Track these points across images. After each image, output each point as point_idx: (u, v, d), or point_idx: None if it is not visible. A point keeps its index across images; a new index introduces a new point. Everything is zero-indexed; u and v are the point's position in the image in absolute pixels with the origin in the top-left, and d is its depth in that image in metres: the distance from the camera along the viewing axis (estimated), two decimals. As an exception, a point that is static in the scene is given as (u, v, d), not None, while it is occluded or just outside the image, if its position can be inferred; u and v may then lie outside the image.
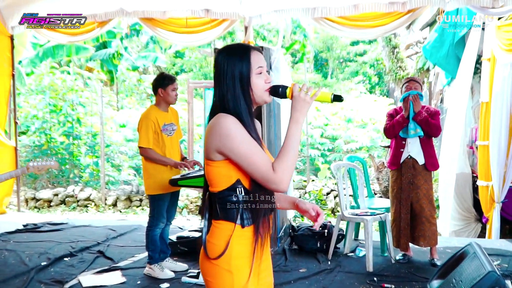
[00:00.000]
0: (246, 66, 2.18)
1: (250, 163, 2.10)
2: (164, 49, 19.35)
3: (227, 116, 2.13)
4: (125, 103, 15.66)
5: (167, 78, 5.17)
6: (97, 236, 6.77)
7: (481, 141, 7.18)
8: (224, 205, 2.18)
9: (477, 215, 8.21)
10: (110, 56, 16.63)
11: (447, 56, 8.71)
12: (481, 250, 4.28)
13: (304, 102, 2.15)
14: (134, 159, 11.64)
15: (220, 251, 2.16)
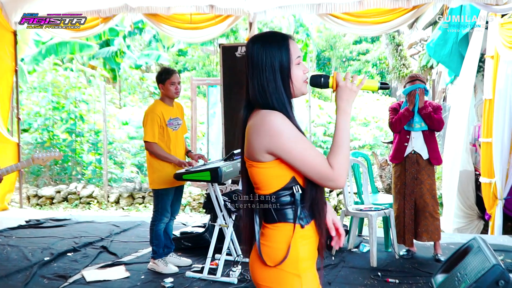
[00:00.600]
0: (286, 56, 2.03)
1: (306, 162, 1.96)
2: (167, 48, 19.35)
3: (274, 113, 1.98)
4: (128, 101, 15.68)
5: (165, 72, 5.15)
6: (101, 232, 6.77)
7: (484, 138, 7.18)
8: (279, 206, 2.03)
9: (479, 212, 8.22)
10: (112, 54, 16.65)
11: (450, 54, 8.71)
12: (485, 244, 4.29)
13: (351, 92, 2.04)
14: (137, 157, 11.65)
15: (283, 255, 2.01)
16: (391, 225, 5.63)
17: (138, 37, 19.77)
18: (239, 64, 5.91)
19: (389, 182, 10.25)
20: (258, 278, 2.08)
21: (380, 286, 4.78)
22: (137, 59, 17.71)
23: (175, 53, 19.58)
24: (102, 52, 16.76)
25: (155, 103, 5.20)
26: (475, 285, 3.77)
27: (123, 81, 16.68)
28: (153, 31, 18.91)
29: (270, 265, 2.01)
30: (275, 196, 2.04)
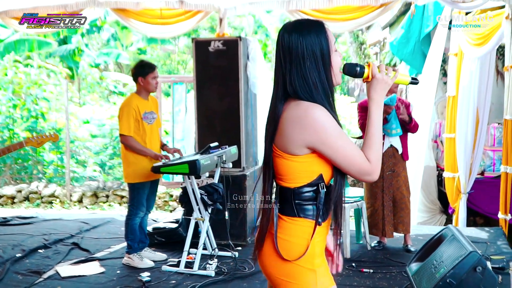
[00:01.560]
0: (326, 43, 1.97)
1: (347, 157, 1.95)
2: (125, 46, 19.14)
3: (318, 107, 1.95)
4: (88, 99, 15.45)
5: (147, 66, 5.15)
6: (70, 229, 6.67)
7: (447, 134, 7.36)
8: (301, 201, 2.02)
9: (441, 207, 8.44)
10: (70, 52, 16.36)
11: (413, 53, 8.90)
12: (459, 233, 4.41)
13: (385, 84, 2.02)
14: (100, 155, 11.49)
15: (301, 251, 2.01)
16: (363, 217, 5.73)
17: (96, 36, 19.48)
18: (212, 59, 5.91)
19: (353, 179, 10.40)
20: (271, 270, 2.08)
21: (355, 276, 4.88)
22: (95, 57, 17.46)
23: (136, 52, 19.37)
24: (60, 50, 16.44)
25: (131, 96, 5.18)
26: (453, 271, 3.86)
27: (82, 80, 16.42)
28: (111, 29, 18.67)
29: (287, 260, 2.01)
30: (300, 191, 2.02)
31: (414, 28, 8.76)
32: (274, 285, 2.10)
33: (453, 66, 7.28)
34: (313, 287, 2.03)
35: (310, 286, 2.03)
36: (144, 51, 19.81)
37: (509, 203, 6.08)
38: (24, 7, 7.12)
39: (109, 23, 17.62)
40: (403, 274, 4.83)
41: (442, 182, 8.14)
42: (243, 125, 5.91)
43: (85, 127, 12.10)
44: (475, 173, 6.96)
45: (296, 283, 2.02)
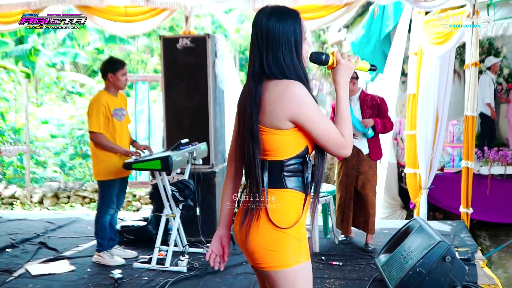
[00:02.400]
0: (299, 31, 2.14)
1: (325, 130, 2.11)
2: (82, 46, 18.87)
3: (297, 83, 2.09)
4: (45, 99, 15.19)
5: (117, 63, 5.14)
6: (35, 228, 6.57)
7: (408, 131, 7.53)
8: (289, 172, 2.15)
9: (402, 202, 8.64)
10: (27, 52, 16.06)
11: (373, 52, 9.08)
12: (426, 224, 4.56)
13: (349, 69, 2.20)
14: (60, 155, 11.34)
15: (294, 220, 2.13)
16: (330, 212, 5.85)
17: (52, 35, 19.14)
18: (180, 56, 5.93)
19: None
20: (258, 242, 2.13)
21: (325, 268, 4.98)
22: (52, 57, 17.17)
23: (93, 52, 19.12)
24: (16, 50, 16.12)
25: (100, 93, 5.16)
26: (422, 261, 3.99)
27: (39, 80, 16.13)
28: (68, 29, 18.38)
29: (281, 227, 2.10)
30: (287, 162, 2.14)
31: (374, 28, 8.93)
32: (258, 260, 2.16)
33: (413, 65, 7.44)
34: (297, 256, 2.14)
35: (294, 254, 2.13)
36: (102, 51, 19.56)
37: (470, 197, 6.27)
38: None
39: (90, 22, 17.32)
40: (372, 266, 4.96)
41: (403, 179, 8.34)
42: (212, 122, 5.94)
43: (44, 127, 11.92)
44: (435, 169, 7.13)
45: (282, 251, 2.11)
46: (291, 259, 2.12)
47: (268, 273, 2.16)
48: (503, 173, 7.89)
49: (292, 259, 2.12)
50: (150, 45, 19.28)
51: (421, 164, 7.12)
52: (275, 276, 2.14)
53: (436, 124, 6.98)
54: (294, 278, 2.14)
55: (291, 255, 2.12)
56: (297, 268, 2.14)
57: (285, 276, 2.13)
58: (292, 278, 2.14)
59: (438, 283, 3.98)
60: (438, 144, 7.01)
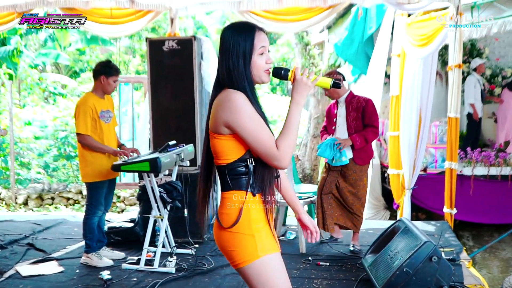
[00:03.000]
0: (250, 45, 2.26)
1: (256, 140, 2.21)
2: (63, 47, 18.74)
3: (236, 92, 2.24)
4: (28, 101, 15.08)
5: (113, 69, 5.15)
6: (23, 230, 6.54)
7: (392, 132, 7.62)
8: (234, 175, 2.30)
9: (385, 203, 8.73)
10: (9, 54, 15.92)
11: (357, 53, 9.18)
12: (412, 225, 4.62)
13: (305, 86, 2.25)
14: (44, 156, 11.27)
15: (235, 218, 2.28)
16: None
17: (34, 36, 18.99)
18: (166, 58, 5.95)
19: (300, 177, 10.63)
20: (221, 244, 2.36)
21: (312, 269, 5.03)
22: (34, 58, 17.04)
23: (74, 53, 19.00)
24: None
25: (87, 95, 5.15)
26: (409, 261, 4.05)
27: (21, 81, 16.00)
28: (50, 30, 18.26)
29: (226, 228, 2.30)
30: (232, 166, 2.31)
31: (357, 30, 9.03)
32: (228, 259, 2.37)
33: (396, 66, 7.52)
34: (253, 251, 2.28)
35: (250, 250, 2.28)
36: (83, 52, 19.46)
37: (454, 198, 6.35)
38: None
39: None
40: (358, 266, 5.02)
41: (386, 179, 8.43)
42: (198, 124, 5.97)
43: (28, 129, 11.85)
44: (418, 169, 7.20)
45: (237, 250, 2.30)
46: (249, 255, 2.28)
47: (238, 270, 2.34)
48: (486, 174, 8.02)
49: (250, 255, 2.28)
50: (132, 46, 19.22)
51: (405, 164, 7.19)
52: (243, 272, 2.32)
53: (419, 125, 7.03)
54: (259, 271, 2.29)
55: (248, 251, 2.28)
56: (259, 262, 2.28)
57: (250, 271, 2.29)
58: (256, 271, 2.29)
59: (425, 283, 4.04)
60: (421, 145, 7.07)
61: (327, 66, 10.57)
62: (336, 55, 10.01)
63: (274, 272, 2.32)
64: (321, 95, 10.58)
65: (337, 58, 10.16)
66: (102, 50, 20.16)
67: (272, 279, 2.31)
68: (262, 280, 2.29)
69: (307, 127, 11.10)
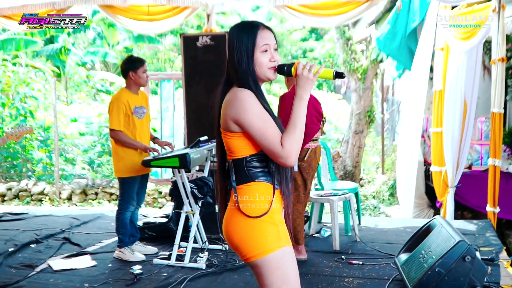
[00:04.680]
0: (252, 43, 2.29)
1: (262, 137, 2.22)
2: (112, 45, 19.11)
3: (244, 90, 2.26)
4: (75, 98, 15.41)
5: (138, 61, 5.17)
6: (60, 224, 6.68)
7: (434, 128, 7.42)
8: (252, 167, 2.31)
9: (429, 201, 8.50)
10: (57, 52, 16.33)
11: (399, 48, 8.95)
12: (447, 223, 4.46)
13: (307, 80, 2.24)
14: (88, 153, 11.48)
15: (265, 209, 2.29)
16: (352, 210, 5.78)
17: (82, 35, 19.42)
18: (200, 54, 5.93)
19: (341, 174, 10.48)
20: (236, 237, 2.32)
21: (344, 267, 4.92)
22: (82, 56, 17.42)
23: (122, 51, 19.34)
24: (46, 49, 16.42)
25: (121, 91, 5.19)
26: (441, 261, 3.91)
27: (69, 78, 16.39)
28: (98, 28, 18.64)
29: (252, 217, 2.27)
30: (250, 158, 2.32)
31: (400, 24, 8.79)
32: (243, 252, 2.31)
33: (439, 60, 7.32)
34: (277, 239, 2.29)
35: (274, 239, 2.29)
36: (131, 50, 19.79)
37: (497, 196, 6.13)
38: (12, 5, 7.12)
39: (95, 22, 17.58)
40: (392, 265, 4.89)
41: (430, 177, 8.20)
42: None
43: (73, 125, 12.08)
44: (462, 167, 6.99)
45: (261, 238, 2.27)
46: (272, 244, 2.27)
47: (254, 263, 2.29)
48: (534, 172, 7.70)
49: (273, 244, 2.28)
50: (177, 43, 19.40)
51: (448, 162, 6.99)
52: (261, 264, 2.27)
53: (464, 121, 6.84)
54: (279, 263, 2.27)
55: (270, 240, 2.28)
56: (280, 252, 2.28)
57: (270, 262, 2.27)
58: (276, 263, 2.27)
59: (457, 283, 3.90)
60: (465, 142, 6.86)
61: (368, 61, 10.37)
62: (378, 50, 9.80)
63: (292, 264, 2.33)
64: (363, 90, 10.38)
65: (379, 53, 9.96)
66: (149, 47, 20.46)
67: (288, 271, 2.30)
68: (280, 271, 2.28)
69: (349, 123, 10.92)
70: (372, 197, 9.68)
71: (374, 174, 10.98)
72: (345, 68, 10.46)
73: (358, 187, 6.42)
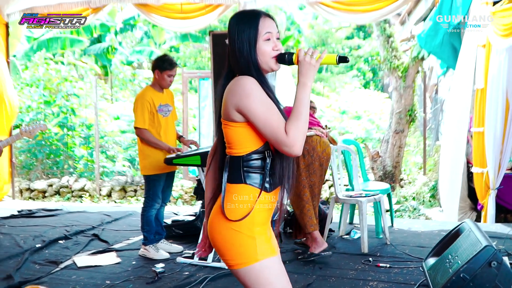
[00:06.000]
0: (254, 31, 2.22)
1: (266, 124, 2.12)
2: (158, 44, 19.31)
3: (247, 77, 2.18)
4: (120, 96, 15.64)
5: (167, 63, 5.13)
6: (92, 221, 6.77)
7: (476, 128, 7.17)
8: (248, 168, 2.22)
9: (471, 203, 8.22)
10: (104, 51, 16.62)
11: (441, 45, 8.69)
12: (476, 227, 4.27)
13: (310, 66, 2.16)
14: (128, 150, 11.62)
15: (243, 214, 2.19)
16: (382, 212, 5.62)
17: (130, 34, 19.71)
18: (229, 52, 5.87)
19: (380, 174, 10.26)
20: (217, 236, 2.24)
21: (371, 270, 4.78)
22: (129, 55, 17.67)
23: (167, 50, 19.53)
24: (94, 48, 16.73)
25: (146, 89, 5.19)
26: (467, 266, 3.74)
27: (114, 77, 16.64)
28: (145, 27, 18.89)
29: (231, 220, 2.19)
30: (247, 157, 2.22)
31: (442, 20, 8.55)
32: (222, 256, 2.26)
33: (481, 58, 7.07)
34: (254, 253, 2.20)
35: (251, 251, 2.20)
36: (177, 49, 19.96)
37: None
38: (49, 4, 7.25)
39: (142, 21, 17.82)
40: (420, 270, 4.71)
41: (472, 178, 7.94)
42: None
43: (115, 123, 12.25)
44: (504, 168, 6.78)
45: (237, 249, 2.20)
46: (248, 257, 2.19)
47: (233, 271, 2.25)
48: None
49: (249, 257, 2.19)
50: (222, 42, 19.47)
51: (489, 163, 6.77)
52: (239, 274, 2.22)
53: (506, 120, 6.61)
54: (258, 275, 2.19)
55: (246, 253, 2.19)
56: (258, 266, 2.20)
57: (247, 274, 2.20)
58: (254, 276, 2.20)
59: (482, 290, 3.72)
60: (508, 142, 6.65)
61: (410, 58, 10.12)
62: (420, 47, 9.55)
63: (273, 276, 2.23)
64: (404, 89, 10.13)
65: (420, 50, 9.71)
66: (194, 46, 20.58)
67: (271, 284, 2.21)
68: (260, 284, 2.20)
69: (389, 122, 10.68)
70: (412, 199, 9.43)
71: (416, 175, 10.71)
72: (386, 66, 10.26)
73: (390, 188, 6.23)
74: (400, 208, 9.11)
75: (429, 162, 10.62)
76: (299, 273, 4.73)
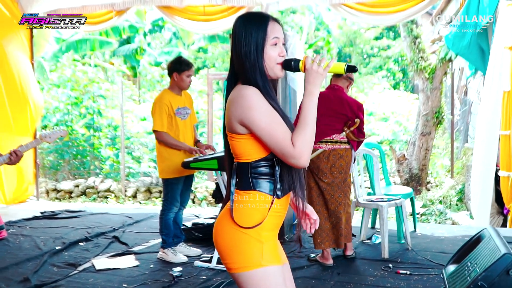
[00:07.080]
0: (262, 35, 2.14)
1: (271, 136, 2.07)
2: (187, 45, 19.40)
3: (248, 88, 2.11)
4: (147, 97, 15.75)
5: (184, 64, 5.14)
6: (114, 223, 6.82)
7: (502, 131, 7.02)
8: (257, 174, 2.16)
9: (498, 207, 8.06)
10: (133, 52, 16.76)
11: (469, 46, 8.54)
12: (496, 234, 4.17)
13: (317, 74, 2.10)
14: (154, 151, 11.68)
15: (257, 221, 2.14)
16: (403, 217, 5.53)
17: (159, 35, 19.86)
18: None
19: (407, 177, 10.12)
20: (220, 242, 2.19)
21: (390, 277, 4.69)
22: (157, 56, 17.80)
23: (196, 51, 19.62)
24: (123, 50, 16.90)
25: (163, 92, 5.20)
26: (485, 274, 3.65)
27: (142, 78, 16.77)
28: (173, 28, 19.00)
29: (242, 226, 2.13)
30: (255, 164, 2.16)
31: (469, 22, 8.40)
32: (224, 260, 2.20)
33: (507, 60, 6.92)
34: (259, 258, 2.13)
35: (256, 255, 2.13)
36: (205, 50, 20.03)
37: None
38: (73, 6, 7.32)
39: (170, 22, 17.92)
40: (441, 277, 4.62)
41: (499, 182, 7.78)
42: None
43: (142, 124, 12.33)
44: (531, 172, 6.62)
45: (242, 252, 2.14)
46: (252, 261, 2.13)
47: (233, 275, 2.18)
48: None
49: (254, 261, 2.13)
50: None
51: (516, 166, 6.62)
52: (239, 279, 2.16)
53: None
54: (258, 282, 2.13)
55: (251, 257, 2.13)
56: (260, 272, 2.13)
57: (248, 279, 2.14)
58: (255, 282, 2.13)
59: (501, 299, 3.62)
60: (535, 145, 6.48)
61: (437, 60, 9.96)
62: (447, 48, 9.40)
63: (274, 285, 2.15)
64: (431, 90, 9.97)
65: (447, 51, 9.54)
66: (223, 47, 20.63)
67: None
68: None
69: (416, 125, 10.52)
70: (439, 202, 9.27)
71: (443, 178, 10.53)
72: (413, 67, 10.12)
73: (413, 192, 6.14)
74: (426, 212, 8.96)
75: (457, 164, 10.43)
76: (316, 278, 4.69)
